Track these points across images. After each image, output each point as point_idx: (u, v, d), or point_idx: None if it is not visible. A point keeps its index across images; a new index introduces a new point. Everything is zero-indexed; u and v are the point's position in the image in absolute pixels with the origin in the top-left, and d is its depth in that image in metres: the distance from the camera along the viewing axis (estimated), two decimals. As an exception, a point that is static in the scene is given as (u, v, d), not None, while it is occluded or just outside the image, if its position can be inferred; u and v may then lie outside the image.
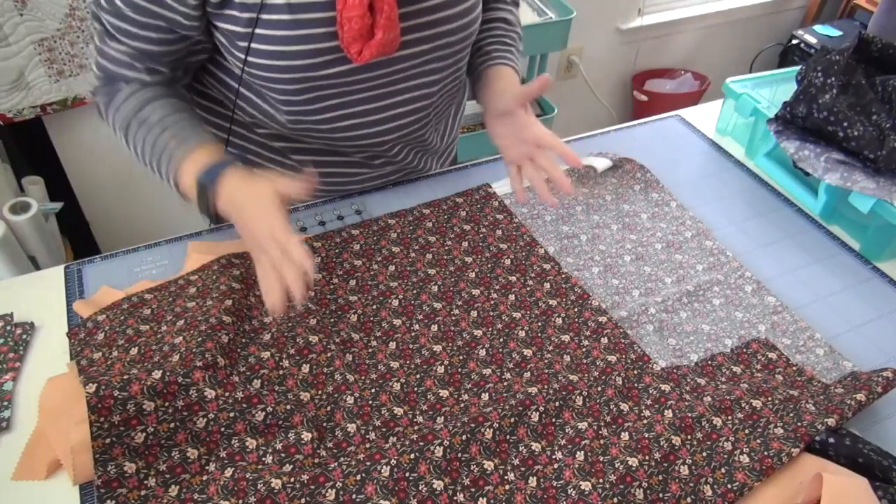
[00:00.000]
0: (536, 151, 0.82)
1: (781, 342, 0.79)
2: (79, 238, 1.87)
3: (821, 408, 0.67)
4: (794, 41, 2.56)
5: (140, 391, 0.62)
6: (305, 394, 0.69)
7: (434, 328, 0.78)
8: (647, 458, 0.64)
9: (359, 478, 0.61)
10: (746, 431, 0.67)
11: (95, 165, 1.80)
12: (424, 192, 0.98)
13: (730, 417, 0.68)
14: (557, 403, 0.69)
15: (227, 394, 0.66)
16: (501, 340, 0.77)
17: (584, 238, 0.92)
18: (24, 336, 0.76)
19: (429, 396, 0.71)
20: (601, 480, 0.63)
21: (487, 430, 0.65)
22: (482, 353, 0.76)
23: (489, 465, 0.64)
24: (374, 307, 0.80)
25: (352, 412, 0.69)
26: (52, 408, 0.67)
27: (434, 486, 0.61)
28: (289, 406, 0.67)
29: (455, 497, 0.61)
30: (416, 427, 0.68)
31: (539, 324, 0.79)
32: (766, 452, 0.63)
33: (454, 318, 0.79)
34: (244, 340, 0.72)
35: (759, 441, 0.65)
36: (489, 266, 0.86)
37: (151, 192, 1.88)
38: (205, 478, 0.62)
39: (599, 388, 0.71)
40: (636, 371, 0.73)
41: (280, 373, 0.70)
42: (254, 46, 0.74)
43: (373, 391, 0.71)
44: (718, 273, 0.87)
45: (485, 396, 0.71)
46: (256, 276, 0.71)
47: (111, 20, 0.75)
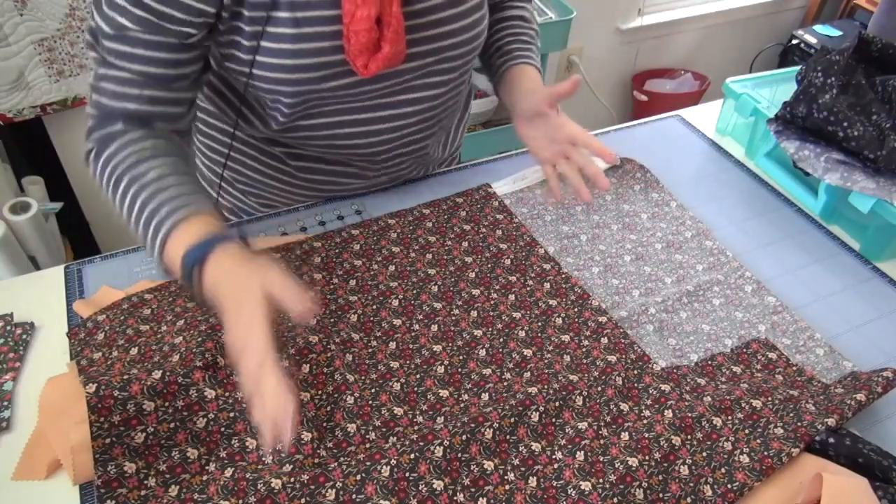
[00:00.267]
0: (571, 149, 0.83)
1: (781, 342, 0.79)
2: (79, 238, 1.87)
3: (821, 408, 0.67)
4: (794, 41, 2.56)
5: (140, 391, 0.62)
6: (305, 394, 0.69)
7: (434, 328, 0.78)
8: (647, 458, 0.64)
9: (359, 478, 0.61)
10: (746, 431, 0.67)
11: (95, 165, 1.80)
12: (424, 192, 0.98)
13: (730, 417, 0.68)
14: (557, 403, 0.69)
15: (227, 394, 0.66)
16: (501, 340, 0.77)
17: (584, 238, 0.92)
18: (24, 336, 0.76)
19: (429, 396, 0.71)
20: (601, 480, 0.63)
21: (487, 430, 0.65)
22: (482, 353, 0.76)
23: (489, 465, 0.64)
24: (374, 307, 0.80)
25: (352, 412, 0.69)
26: (52, 408, 0.67)
27: (434, 486, 0.61)
28: (289, 406, 0.67)
29: (455, 497, 0.61)
30: (416, 427, 0.68)
31: (539, 324, 0.79)
32: (766, 452, 0.63)
33: (454, 318, 0.79)
34: None
35: (759, 441, 0.65)
36: (489, 266, 0.86)
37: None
38: (205, 478, 0.62)
39: (599, 388, 0.71)
40: (636, 371, 0.73)
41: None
42: (258, 59, 0.73)
43: (373, 391, 0.71)
44: (718, 273, 0.87)
45: (485, 396, 0.71)
46: None
47: (113, 46, 0.70)
